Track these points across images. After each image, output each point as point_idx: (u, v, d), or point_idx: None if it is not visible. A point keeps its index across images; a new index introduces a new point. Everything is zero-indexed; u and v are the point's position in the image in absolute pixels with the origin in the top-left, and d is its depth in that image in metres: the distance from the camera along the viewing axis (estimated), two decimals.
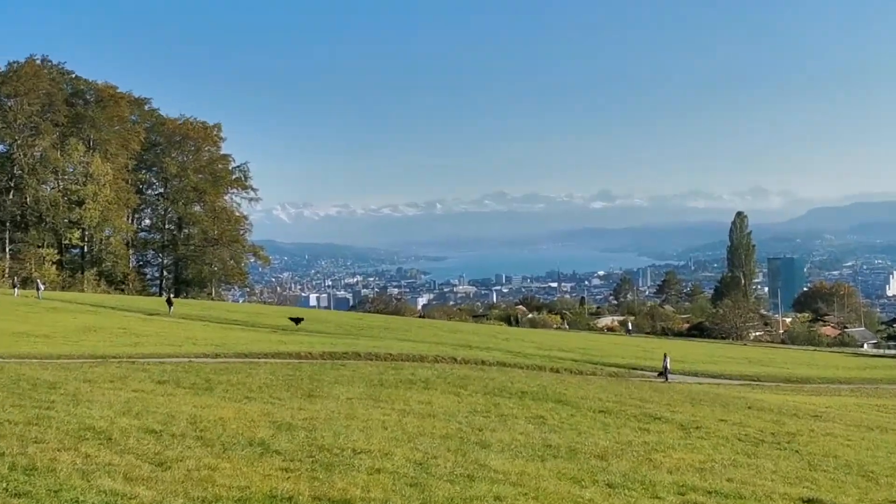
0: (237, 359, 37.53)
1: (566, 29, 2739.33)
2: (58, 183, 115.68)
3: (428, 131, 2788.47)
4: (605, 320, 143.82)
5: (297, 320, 67.90)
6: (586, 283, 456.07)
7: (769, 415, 27.38)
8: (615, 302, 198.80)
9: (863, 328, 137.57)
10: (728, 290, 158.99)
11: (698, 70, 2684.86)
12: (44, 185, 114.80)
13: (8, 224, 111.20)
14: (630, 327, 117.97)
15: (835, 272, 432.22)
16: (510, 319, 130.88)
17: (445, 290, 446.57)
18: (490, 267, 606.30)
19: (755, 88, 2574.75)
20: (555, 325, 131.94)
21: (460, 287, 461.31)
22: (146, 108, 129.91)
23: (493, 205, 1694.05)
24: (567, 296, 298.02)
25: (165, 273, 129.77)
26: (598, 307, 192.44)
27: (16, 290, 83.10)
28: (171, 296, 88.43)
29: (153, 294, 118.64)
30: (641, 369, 52.37)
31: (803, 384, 52.53)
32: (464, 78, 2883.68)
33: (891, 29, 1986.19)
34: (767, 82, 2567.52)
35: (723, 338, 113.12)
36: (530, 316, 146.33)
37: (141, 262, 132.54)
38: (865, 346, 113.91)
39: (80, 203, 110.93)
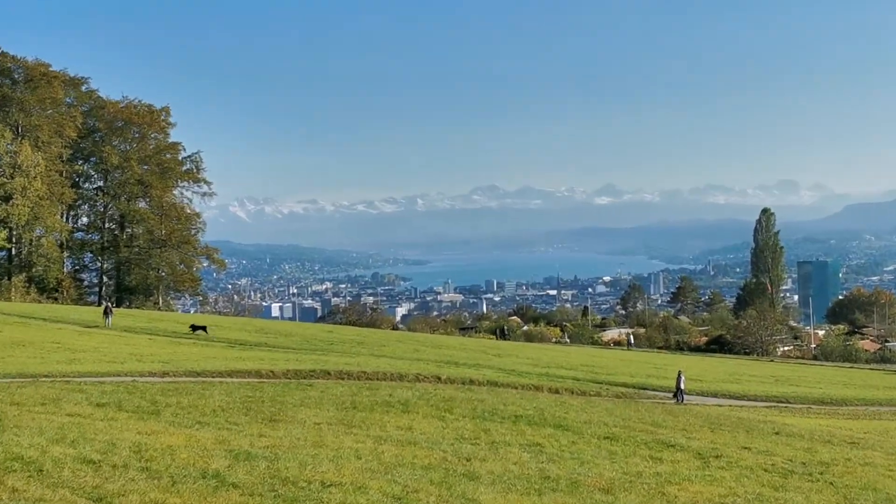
0: (188, 378, 37.41)
1: (565, 4, 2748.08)
2: None
3: (408, 117, 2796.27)
4: (612, 333, 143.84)
5: (198, 328, 68.22)
6: (590, 290, 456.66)
7: (799, 441, 27.45)
8: (623, 312, 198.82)
9: None
10: (752, 299, 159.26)
11: (717, 50, 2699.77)
12: None
13: None
14: (631, 340, 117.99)
15: (874, 277, 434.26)
16: (495, 332, 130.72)
17: (428, 298, 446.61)
18: (479, 272, 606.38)
19: (784, 72, 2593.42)
20: (554, 339, 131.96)
21: (445, 295, 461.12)
22: (83, 88, 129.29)
23: (484, 200, 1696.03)
24: (568, 305, 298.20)
25: (105, 279, 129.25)
26: (603, 318, 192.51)
27: None
28: (111, 304, 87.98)
29: (91, 303, 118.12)
30: (653, 389, 52.45)
31: (839, 406, 52.73)
32: (449, 60, 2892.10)
33: None
34: (798, 65, 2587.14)
35: (746, 353, 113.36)
36: (526, 328, 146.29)
37: (77, 267, 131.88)
38: None
39: (7, 199, 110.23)
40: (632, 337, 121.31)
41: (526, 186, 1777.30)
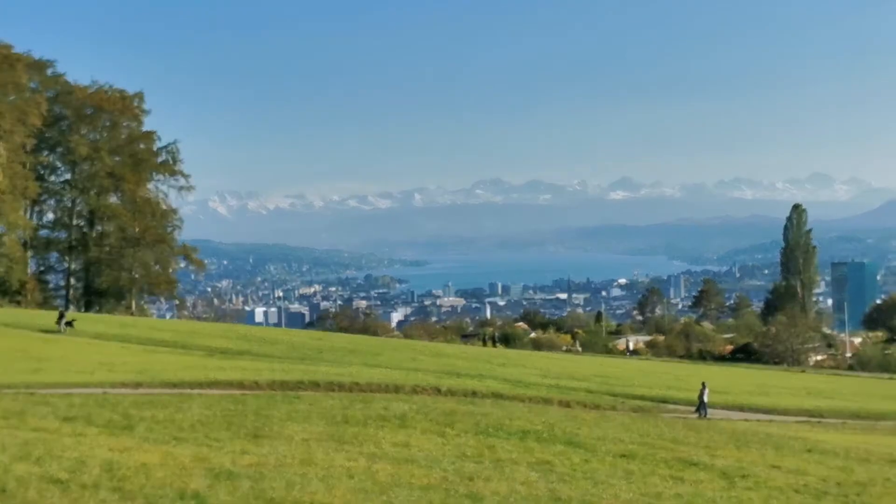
0: (164, 389, 37.42)
1: None
2: None
3: (404, 104, 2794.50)
4: (628, 340, 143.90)
5: (64, 321, 69.21)
6: (604, 293, 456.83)
7: (834, 460, 27.46)
8: (640, 318, 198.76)
9: None
10: (782, 303, 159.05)
11: (744, 34, 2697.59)
12: None
13: None
14: (630, 347, 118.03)
15: None
16: (484, 339, 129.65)
17: (426, 302, 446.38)
18: (483, 274, 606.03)
19: (816, 56, 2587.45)
20: (564, 347, 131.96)
21: (445, 299, 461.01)
22: (49, 72, 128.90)
23: (487, 195, 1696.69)
24: (580, 310, 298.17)
25: (73, 281, 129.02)
26: (618, 324, 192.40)
27: None
28: (66, 311, 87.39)
29: (58, 307, 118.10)
30: (674, 403, 52.47)
31: (877, 421, 52.70)
32: (449, 44, 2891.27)
33: None
34: (831, 48, 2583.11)
35: (776, 363, 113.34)
36: (533, 335, 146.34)
37: (42, 268, 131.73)
38: None
39: None
40: (630, 343, 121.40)
41: (534, 180, 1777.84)
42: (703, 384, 50.19)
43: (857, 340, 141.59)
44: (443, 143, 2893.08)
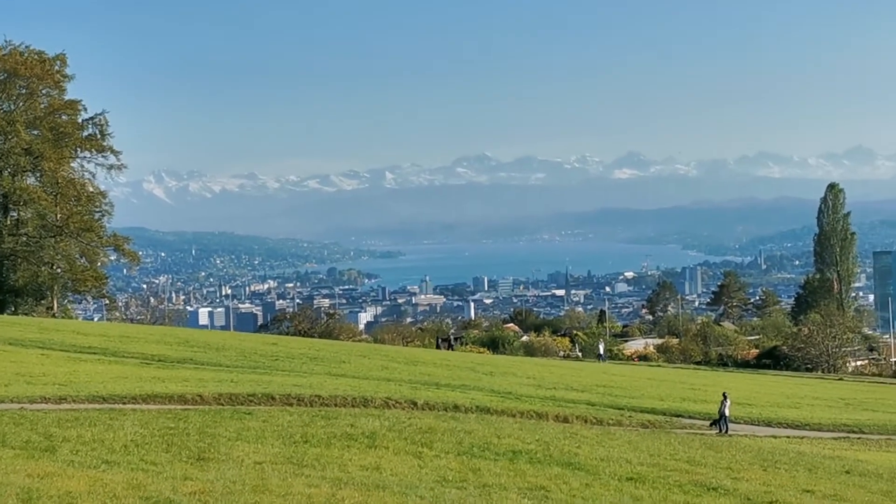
0: (92, 405, 37.35)
1: None
2: None
3: (372, 69, 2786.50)
4: (636, 344, 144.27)
5: None
6: (608, 289, 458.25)
7: (876, 483, 27.59)
8: (650, 317, 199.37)
9: None
10: (815, 299, 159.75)
11: None
12: None
13: None
14: (601, 351, 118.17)
15: None
16: (438, 340, 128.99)
17: (400, 300, 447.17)
18: (466, 267, 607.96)
19: (853, 9, 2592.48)
20: (562, 353, 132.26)
21: (422, 296, 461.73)
22: None
23: (471, 174, 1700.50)
24: (580, 308, 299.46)
25: None
26: (625, 325, 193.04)
27: None
28: None
29: None
30: (689, 416, 52.65)
31: None
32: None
33: None
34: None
35: (808, 369, 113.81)
36: (525, 338, 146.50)
37: None
38: None
39: None
40: (601, 345, 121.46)
41: (525, 156, 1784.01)
42: (724, 395, 50.34)
43: None
44: (418, 112, 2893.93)
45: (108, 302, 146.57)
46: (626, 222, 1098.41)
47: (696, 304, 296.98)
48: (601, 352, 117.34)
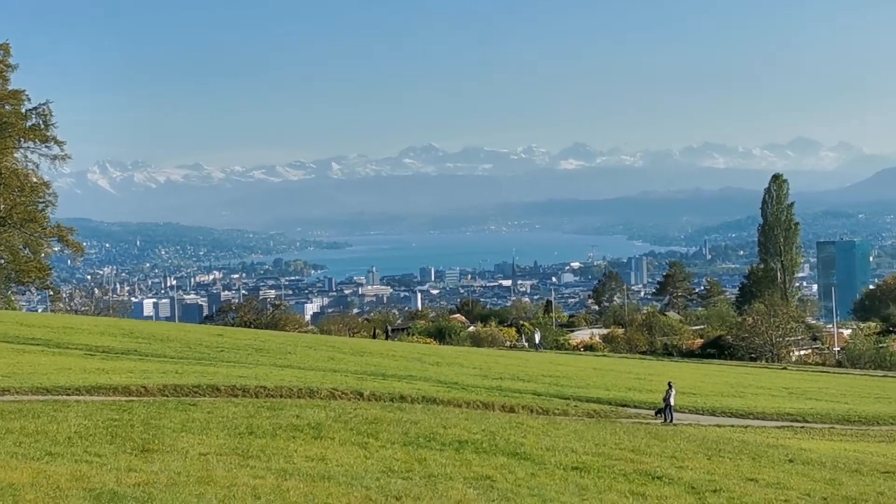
0: (35, 396, 37.08)
1: None
2: None
3: (318, 58, 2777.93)
4: (583, 334, 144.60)
5: None
6: (554, 279, 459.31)
7: (820, 471, 27.78)
8: (596, 307, 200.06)
9: None
10: (760, 289, 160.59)
11: None
12: None
13: None
14: (538, 341, 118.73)
15: None
16: (374, 330, 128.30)
17: (347, 291, 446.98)
18: (413, 258, 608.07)
19: (800, 3, 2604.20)
20: (508, 343, 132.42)
21: (369, 287, 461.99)
22: None
23: (418, 165, 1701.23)
24: (526, 298, 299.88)
25: None
26: (571, 315, 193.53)
27: None
28: None
29: None
30: (635, 406, 52.86)
31: (869, 426, 53.40)
32: None
33: None
34: None
35: (752, 359, 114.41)
36: (472, 329, 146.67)
37: None
38: None
39: None
40: (537, 334, 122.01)
41: (471, 146, 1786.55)
42: (669, 384, 50.53)
43: (847, 332, 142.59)
44: (365, 103, 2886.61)
45: (51, 293, 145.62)
46: (572, 213, 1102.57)
47: (642, 294, 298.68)
48: (537, 341, 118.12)
